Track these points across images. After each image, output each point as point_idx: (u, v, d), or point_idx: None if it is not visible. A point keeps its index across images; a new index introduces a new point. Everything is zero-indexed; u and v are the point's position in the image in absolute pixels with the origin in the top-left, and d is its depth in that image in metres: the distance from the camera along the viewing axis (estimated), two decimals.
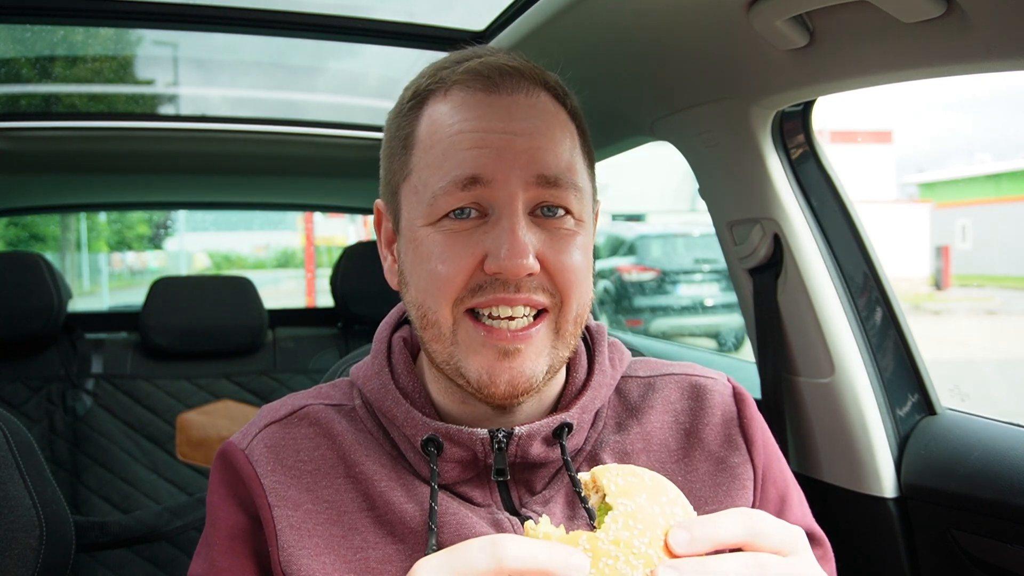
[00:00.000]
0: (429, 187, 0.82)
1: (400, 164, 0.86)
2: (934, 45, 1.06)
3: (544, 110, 0.84)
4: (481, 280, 0.80)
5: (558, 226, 0.82)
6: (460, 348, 0.82)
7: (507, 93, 0.82)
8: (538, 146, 0.81)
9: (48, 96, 2.35)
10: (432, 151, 0.82)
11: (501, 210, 0.80)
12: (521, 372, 0.81)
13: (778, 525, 0.61)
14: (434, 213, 0.81)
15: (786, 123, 1.55)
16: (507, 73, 0.82)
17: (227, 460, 0.90)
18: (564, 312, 0.83)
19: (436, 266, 0.81)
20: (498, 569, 0.55)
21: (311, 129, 2.46)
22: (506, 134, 0.80)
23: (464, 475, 0.88)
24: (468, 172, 0.79)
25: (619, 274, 11.27)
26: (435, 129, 0.83)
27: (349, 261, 3.02)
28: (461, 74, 0.83)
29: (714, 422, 0.94)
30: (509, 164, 0.79)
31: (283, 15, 1.67)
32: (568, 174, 0.82)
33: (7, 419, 1.25)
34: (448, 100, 0.83)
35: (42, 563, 1.18)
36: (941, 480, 1.40)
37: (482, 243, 0.80)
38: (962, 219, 22.05)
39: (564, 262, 0.82)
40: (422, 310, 0.84)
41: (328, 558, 0.83)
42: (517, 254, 0.77)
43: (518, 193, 0.80)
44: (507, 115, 0.81)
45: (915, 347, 1.56)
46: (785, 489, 0.96)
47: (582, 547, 0.57)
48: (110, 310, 4.29)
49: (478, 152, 0.79)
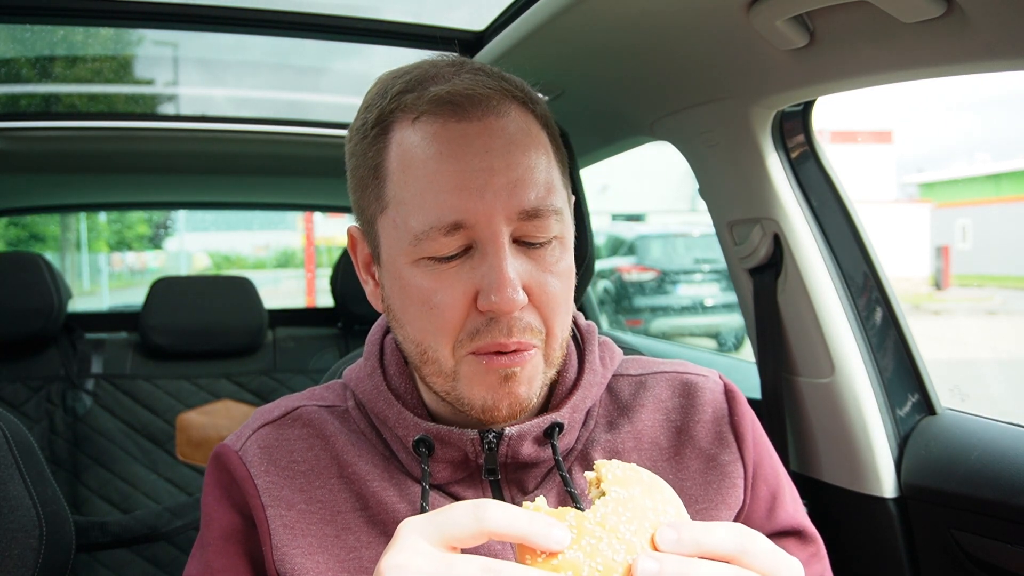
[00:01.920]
0: (409, 227, 0.80)
1: (375, 196, 0.85)
2: (934, 45, 1.06)
3: (516, 131, 0.82)
4: (477, 323, 0.80)
5: (541, 255, 0.82)
6: (462, 383, 0.83)
7: (477, 118, 0.80)
8: (517, 178, 0.79)
9: (48, 96, 2.35)
10: (408, 188, 0.80)
11: (486, 246, 0.79)
12: (518, 395, 0.82)
13: (771, 550, 0.60)
14: (417, 253, 0.80)
15: (786, 123, 1.55)
16: (475, 99, 0.80)
17: (221, 461, 0.91)
18: (550, 342, 0.84)
19: (430, 308, 0.81)
20: (479, 530, 0.56)
21: (311, 129, 2.46)
22: (484, 172, 0.78)
23: (456, 475, 0.88)
24: (451, 218, 0.78)
25: (619, 274, 11.27)
26: (408, 162, 0.81)
27: (349, 261, 3.01)
28: (428, 103, 0.80)
29: (705, 419, 0.94)
30: (491, 204, 0.78)
31: (283, 15, 1.67)
32: (548, 200, 0.81)
33: (7, 419, 1.25)
34: (417, 129, 0.81)
35: (42, 563, 1.18)
36: (941, 480, 1.40)
37: (471, 279, 0.79)
38: (962, 219, 22.05)
39: (548, 292, 0.82)
40: (421, 347, 0.84)
41: (321, 557, 0.84)
42: (507, 289, 0.77)
43: (502, 229, 0.79)
44: (483, 147, 0.79)
45: (915, 347, 1.56)
46: (777, 487, 0.96)
47: (568, 523, 0.57)
48: (110, 310, 4.28)
49: (459, 195, 0.78)
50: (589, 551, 0.56)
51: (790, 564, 0.61)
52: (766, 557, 0.59)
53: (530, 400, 0.84)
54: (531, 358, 0.82)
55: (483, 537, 0.56)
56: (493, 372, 0.81)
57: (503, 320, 0.79)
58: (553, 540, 0.56)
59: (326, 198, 3.49)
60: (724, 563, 0.57)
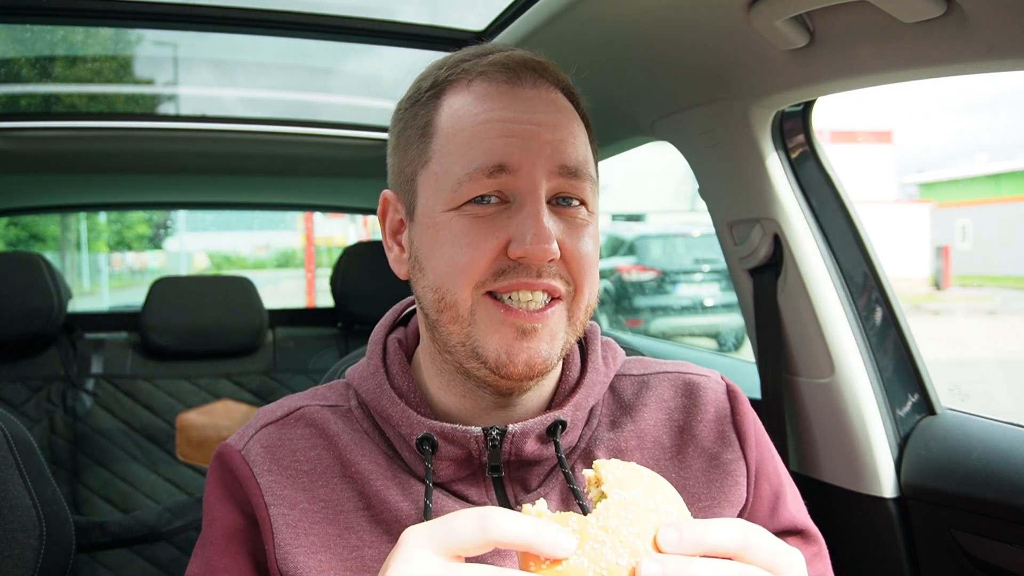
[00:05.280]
0: (452, 174, 0.83)
1: (418, 152, 0.88)
2: (934, 45, 1.06)
3: (563, 107, 0.88)
4: (504, 264, 0.82)
5: (574, 215, 0.85)
6: (478, 328, 0.83)
7: (529, 87, 0.86)
8: (560, 138, 0.84)
9: (48, 96, 2.36)
10: (456, 139, 0.84)
11: (524, 197, 0.82)
12: (538, 352, 0.82)
13: (773, 543, 0.60)
14: (457, 199, 0.83)
15: (786, 123, 1.55)
16: (530, 68, 0.86)
17: (223, 461, 0.91)
18: (577, 300, 0.86)
19: (459, 249, 0.82)
20: (485, 540, 0.56)
21: (311, 129, 2.46)
22: (531, 125, 0.83)
23: (459, 473, 0.89)
24: (496, 160, 0.81)
25: (619, 274, 11.27)
26: (458, 118, 0.85)
27: (349, 261, 3.02)
28: (486, 66, 0.85)
29: (707, 419, 0.94)
30: (535, 154, 0.82)
31: (283, 15, 1.67)
32: (586, 166, 0.86)
33: (7, 419, 1.25)
34: (471, 91, 0.85)
35: (42, 563, 1.18)
36: (941, 480, 1.40)
37: (505, 228, 0.82)
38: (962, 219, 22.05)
39: (580, 250, 0.85)
40: (439, 292, 0.84)
41: (324, 556, 0.84)
42: (542, 239, 0.80)
43: (542, 182, 0.82)
44: (531, 107, 0.84)
45: (915, 347, 1.56)
46: (779, 486, 0.97)
47: (571, 528, 0.57)
48: (110, 310, 4.28)
49: (505, 141, 0.82)
50: (593, 556, 0.56)
51: (791, 557, 0.61)
52: (768, 551, 0.59)
53: (550, 359, 0.83)
54: (554, 314, 0.83)
55: (488, 546, 0.56)
56: (509, 324, 0.82)
57: (533, 265, 0.81)
58: (560, 547, 0.56)
59: (327, 198, 3.49)
60: (727, 560, 0.58)
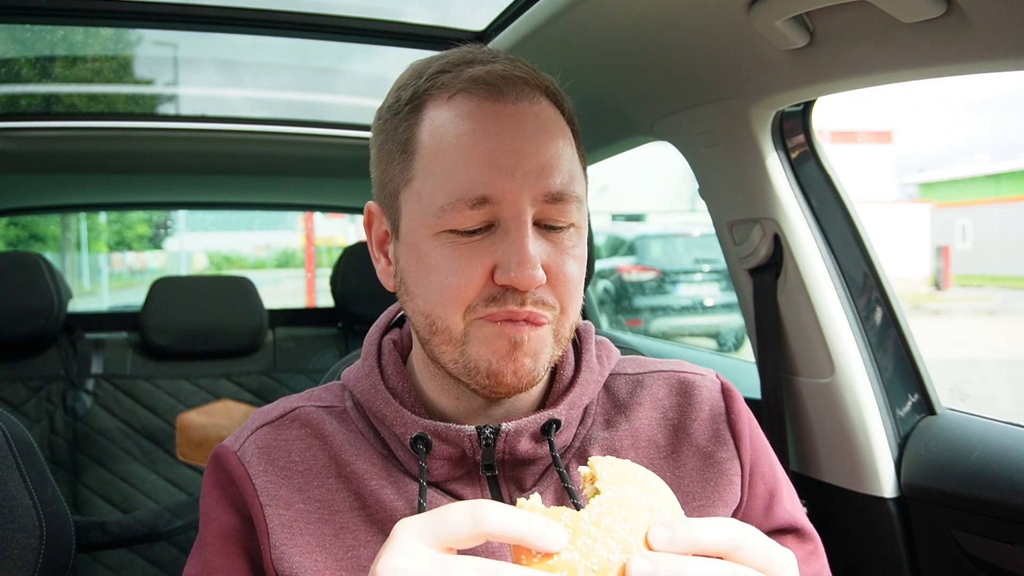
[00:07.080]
0: (436, 199, 0.82)
1: (401, 168, 0.86)
2: (934, 45, 1.06)
3: (547, 119, 0.85)
4: (493, 291, 0.81)
5: (560, 238, 0.84)
6: (472, 345, 0.83)
7: (512, 101, 0.83)
8: (545, 162, 0.82)
9: (48, 96, 2.36)
10: (438, 162, 0.82)
11: (509, 223, 0.81)
12: (523, 365, 0.83)
13: (766, 543, 0.60)
14: (440, 224, 0.82)
15: (786, 123, 1.55)
16: (511, 82, 0.83)
17: (219, 462, 0.91)
18: (563, 320, 0.86)
19: (446, 278, 0.82)
20: (477, 533, 0.56)
21: (311, 129, 2.46)
22: (515, 151, 0.81)
23: (454, 472, 0.89)
24: (479, 192, 0.80)
25: (619, 274, 11.27)
26: (439, 137, 0.83)
27: (349, 261, 3.02)
28: (465, 81, 0.83)
29: (702, 418, 0.95)
30: (519, 184, 0.80)
31: (283, 15, 1.68)
32: (571, 187, 0.84)
33: (7, 419, 1.26)
34: (452, 107, 0.83)
35: (42, 563, 1.18)
36: (941, 480, 1.40)
37: (491, 254, 0.81)
38: (962, 219, 22.05)
39: (567, 273, 0.84)
40: (430, 319, 0.84)
41: (320, 556, 0.84)
42: (527, 266, 0.79)
43: (527, 209, 0.81)
44: (515, 130, 0.82)
45: (915, 347, 1.56)
46: (774, 484, 0.97)
47: (564, 523, 0.57)
48: (110, 310, 4.29)
49: (489, 171, 0.80)
50: (585, 551, 0.56)
51: (784, 557, 0.61)
52: (760, 551, 0.59)
53: (536, 373, 0.84)
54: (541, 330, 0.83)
55: (480, 538, 0.56)
56: (504, 336, 0.82)
57: (520, 293, 0.81)
58: (551, 541, 0.56)
59: (327, 198, 3.49)
60: (718, 559, 0.58)
